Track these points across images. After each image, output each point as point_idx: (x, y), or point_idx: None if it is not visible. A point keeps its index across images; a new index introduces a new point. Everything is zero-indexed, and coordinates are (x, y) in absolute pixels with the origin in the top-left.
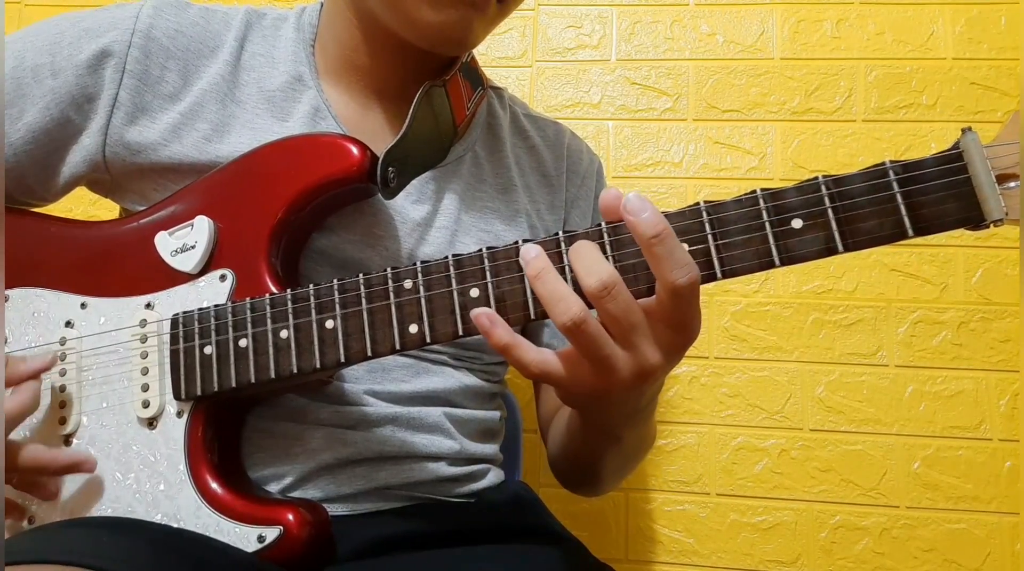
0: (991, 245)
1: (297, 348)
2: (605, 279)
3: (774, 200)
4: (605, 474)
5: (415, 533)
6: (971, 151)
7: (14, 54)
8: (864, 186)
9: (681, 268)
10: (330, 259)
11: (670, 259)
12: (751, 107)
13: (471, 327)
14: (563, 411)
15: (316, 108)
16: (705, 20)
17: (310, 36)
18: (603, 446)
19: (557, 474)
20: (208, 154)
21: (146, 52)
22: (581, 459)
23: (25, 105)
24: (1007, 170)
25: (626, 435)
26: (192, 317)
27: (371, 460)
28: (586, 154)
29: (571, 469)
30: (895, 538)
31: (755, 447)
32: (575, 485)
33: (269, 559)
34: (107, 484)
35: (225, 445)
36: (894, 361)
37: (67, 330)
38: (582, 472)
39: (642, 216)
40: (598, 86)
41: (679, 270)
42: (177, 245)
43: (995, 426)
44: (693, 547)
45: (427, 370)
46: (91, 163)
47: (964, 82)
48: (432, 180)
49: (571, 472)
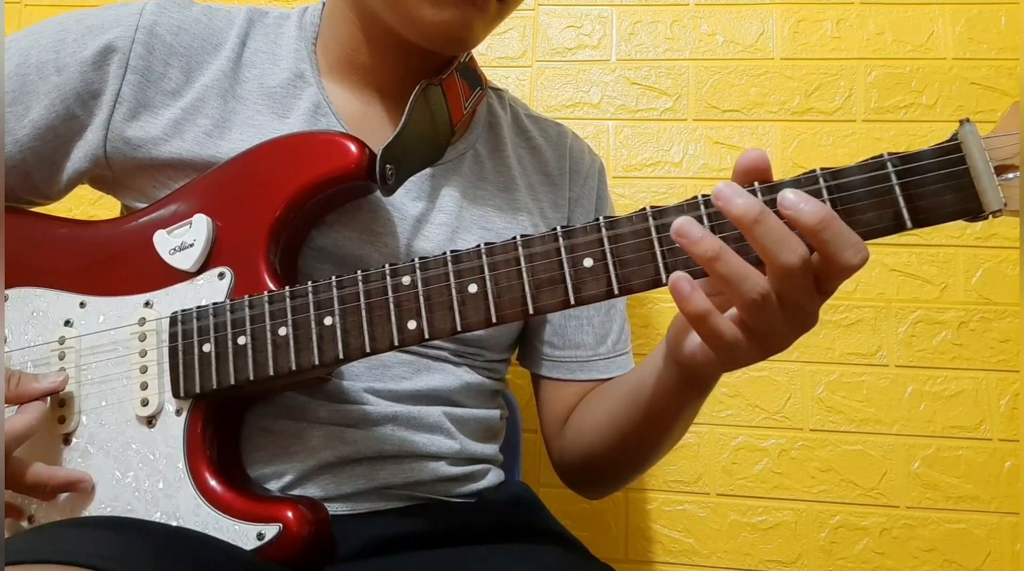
0: (991, 245)
1: (296, 345)
2: (804, 253)
3: (771, 193)
4: (641, 464)
5: (415, 533)
6: (969, 142)
7: (19, 52)
8: (862, 178)
9: (853, 246)
10: (329, 256)
11: (839, 240)
12: (751, 107)
13: (469, 322)
14: (602, 403)
15: (317, 105)
16: (705, 20)
17: (312, 35)
18: (670, 430)
19: (571, 471)
20: (209, 150)
21: (149, 48)
22: (629, 448)
23: (30, 102)
24: (1005, 161)
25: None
26: (191, 315)
27: (371, 459)
28: (588, 154)
29: (604, 462)
30: (895, 538)
31: (755, 447)
32: (592, 481)
33: (268, 557)
34: (106, 483)
35: (224, 443)
36: (894, 361)
37: (66, 329)
38: (617, 465)
39: (802, 207)
40: (598, 86)
41: (851, 250)
42: (175, 243)
43: (995, 426)
44: (693, 547)
45: (427, 367)
46: (93, 159)
47: (964, 82)
48: (432, 178)
49: (601, 466)
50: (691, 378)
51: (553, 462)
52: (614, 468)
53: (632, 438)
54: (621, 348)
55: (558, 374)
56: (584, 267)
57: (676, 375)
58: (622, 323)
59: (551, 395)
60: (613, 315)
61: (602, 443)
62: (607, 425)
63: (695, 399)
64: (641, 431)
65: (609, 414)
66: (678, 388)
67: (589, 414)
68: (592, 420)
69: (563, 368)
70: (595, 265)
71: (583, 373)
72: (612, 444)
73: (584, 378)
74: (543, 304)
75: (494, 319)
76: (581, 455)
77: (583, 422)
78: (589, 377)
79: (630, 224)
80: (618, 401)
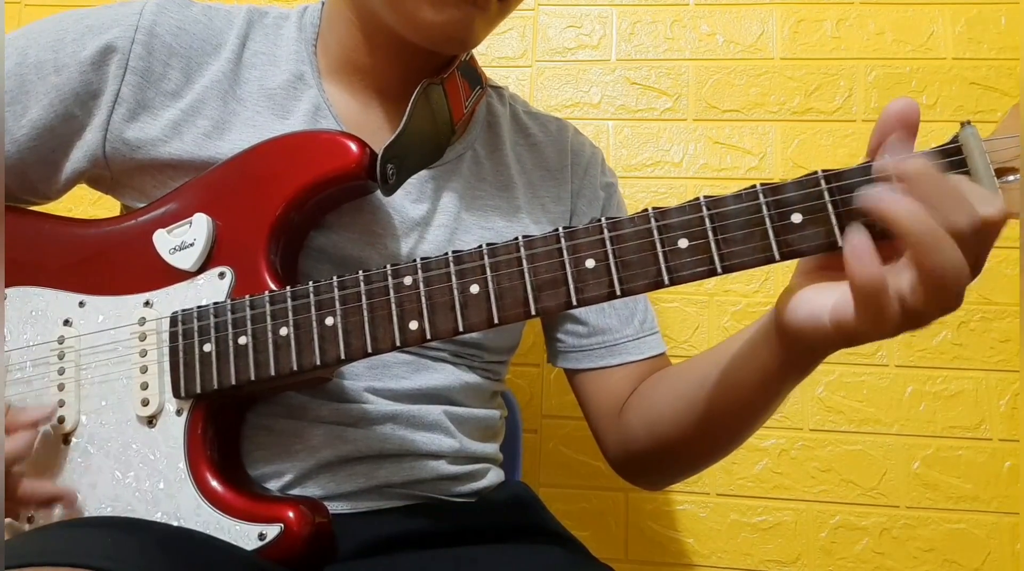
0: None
1: (297, 345)
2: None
3: (774, 195)
4: (726, 449)
5: (415, 532)
6: (970, 144)
7: (18, 51)
8: (864, 180)
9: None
10: (329, 257)
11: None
12: (751, 107)
13: (471, 323)
14: (676, 388)
15: (317, 106)
16: (705, 20)
17: (312, 35)
18: (764, 412)
19: (637, 461)
20: (208, 151)
21: (149, 49)
22: (715, 434)
23: (29, 102)
24: (1006, 163)
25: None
26: (191, 315)
27: (371, 458)
28: (588, 147)
29: (682, 451)
30: (895, 538)
31: (755, 447)
32: (662, 470)
33: (269, 557)
34: (106, 482)
35: (225, 443)
36: (894, 361)
37: (66, 329)
38: (698, 452)
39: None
40: (598, 86)
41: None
42: (176, 243)
43: (995, 426)
44: (693, 547)
45: (427, 367)
46: (92, 159)
47: (964, 82)
48: (432, 179)
49: (677, 455)
50: (800, 356)
51: (609, 456)
52: (692, 457)
53: (717, 424)
54: (649, 327)
55: (589, 363)
56: (586, 268)
57: (781, 355)
58: (646, 304)
59: (592, 389)
60: (636, 296)
61: (681, 432)
62: (686, 412)
63: (795, 380)
64: (728, 417)
65: (687, 400)
66: (781, 369)
67: (659, 401)
68: (664, 407)
69: (593, 356)
70: (597, 266)
71: (614, 357)
72: (693, 433)
73: (616, 363)
74: (545, 305)
75: (496, 320)
76: (652, 445)
77: (651, 411)
78: (622, 361)
79: (632, 225)
80: (698, 385)
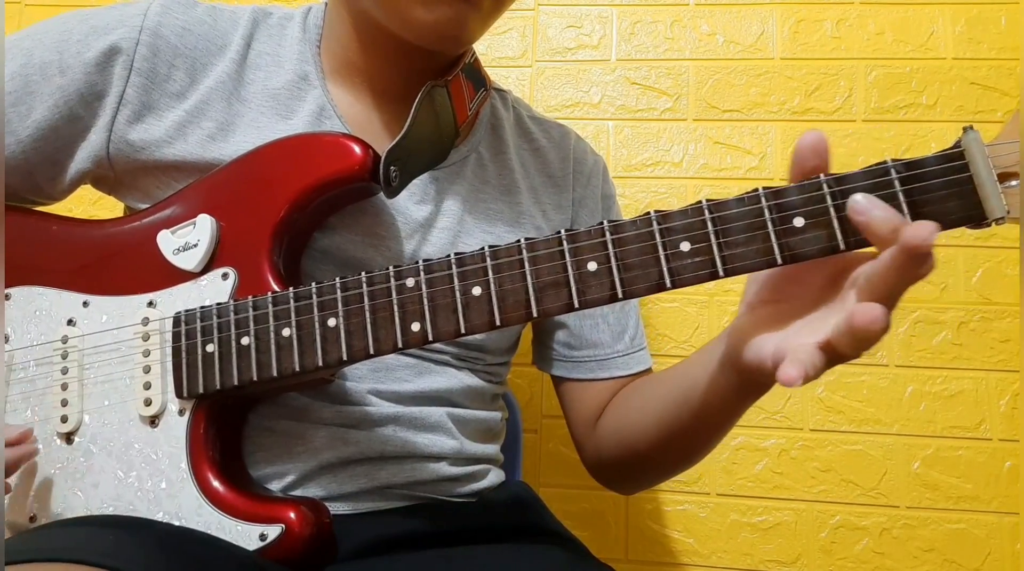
0: (991, 245)
1: (299, 346)
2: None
3: (776, 198)
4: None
5: (416, 533)
6: (973, 150)
7: (22, 51)
8: (866, 185)
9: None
10: (332, 258)
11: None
12: (751, 107)
13: (473, 325)
14: (644, 405)
15: (321, 108)
16: (705, 20)
17: (316, 36)
18: (723, 428)
19: (608, 470)
20: (212, 152)
21: (154, 50)
22: (679, 448)
23: (34, 102)
24: (1008, 169)
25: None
26: (194, 315)
27: (373, 459)
28: (590, 155)
29: (649, 462)
30: (895, 538)
31: (755, 447)
32: (632, 479)
33: (271, 557)
34: (109, 482)
35: (227, 443)
36: (894, 361)
37: (69, 328)
38: (664, 463)
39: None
40: (598, 86)
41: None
42: (179, 243)
43: (995, 426)
44: (693, 547)
45: (430, 370)
46: (96, 160)
47: (964, 82)
48: (435, 181)
49: (645, 466)
50: (756, 384)
51: (586, 461)
52: (660, 467)
53: (682, 439)
54: (638, 344)
55: (578, 374)
56: (588, 271)
57: (735, 381)
58: (637, 319)
59: (575, 396)
60: (628, 311)
61: (648, 445)
62: (653, 427)
63: (755, 398)
64: (691, 433)
65: (654, 416)
66: (736, 393)
67: (629, 415)
68: (634, 421)
69: (583, 368)
70: (599, 269)
71: (603, 371)
72: (660, 446)
73: (605, 376)
74: (547, 307)
75: (498, 322)
76: (622, 455)
77: (622, 423)
78: (610, 375)
79: (634, 228)
80: (663, 403)
